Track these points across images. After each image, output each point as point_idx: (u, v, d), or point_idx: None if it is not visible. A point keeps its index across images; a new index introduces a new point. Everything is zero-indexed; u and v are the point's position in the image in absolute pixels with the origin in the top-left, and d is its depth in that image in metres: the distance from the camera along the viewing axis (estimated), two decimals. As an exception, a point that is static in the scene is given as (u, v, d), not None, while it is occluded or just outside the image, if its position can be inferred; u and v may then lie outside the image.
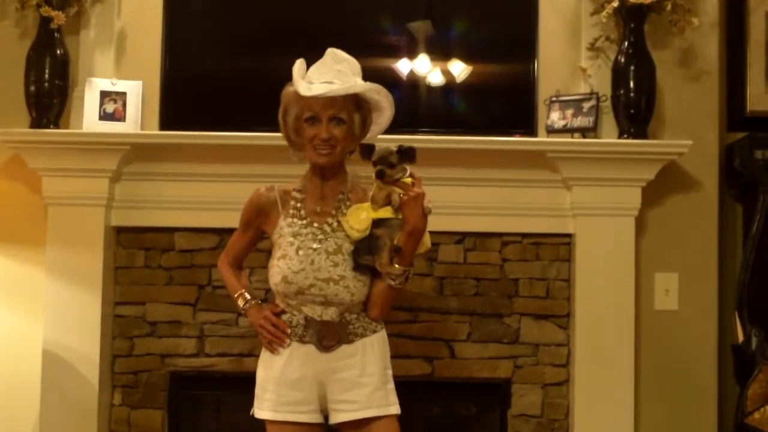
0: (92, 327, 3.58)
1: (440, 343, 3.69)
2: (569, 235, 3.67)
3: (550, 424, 3.67)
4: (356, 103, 2.81)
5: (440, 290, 3.69)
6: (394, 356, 2.93)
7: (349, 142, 2.82)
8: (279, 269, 2.77)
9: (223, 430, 3.82)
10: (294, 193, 2.86)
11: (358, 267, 2.77)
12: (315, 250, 2.76)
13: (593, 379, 3.58)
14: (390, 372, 2.84)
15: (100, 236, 3.60)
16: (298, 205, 2.84)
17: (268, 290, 3.32)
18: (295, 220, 2.82)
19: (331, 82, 2.75)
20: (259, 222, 2.91)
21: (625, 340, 3.59)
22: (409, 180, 2.77)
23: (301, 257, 2.75)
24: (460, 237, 3.69)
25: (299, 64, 2.81)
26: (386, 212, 2.76)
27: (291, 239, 2.79)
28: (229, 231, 3.08)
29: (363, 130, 2.86)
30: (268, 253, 2.90)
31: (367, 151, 2.79)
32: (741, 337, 3.55)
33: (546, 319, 3.69)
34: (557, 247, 3.69)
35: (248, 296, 2.92)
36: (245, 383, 2.96)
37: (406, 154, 2.77)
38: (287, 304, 2.81)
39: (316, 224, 2.80)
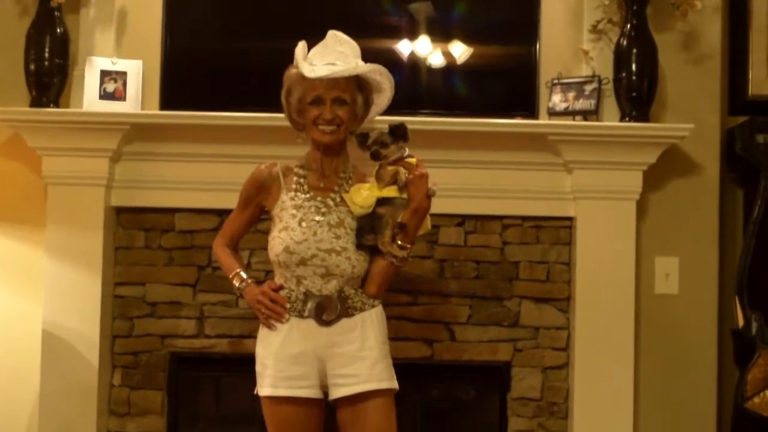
0: (92, 307, 3.58)
1: (440, 326, 3.69)
2: (570, 219, 3.67)
3: (550, 408, 3.67)
4: (358, 84, 2.86)
5: (440, 273, 3.69)
6: (394, 339, 2.95)
7: (352, 122, 2.88)
8: (281, 240, 2.79)
9: (223, 410, 3.83)
10: (296, 170, 2.91)
11: (360, 247, 2.81)
12: (318, 222, 2.80)
13: (593, 363, 3.58)
14: (388, 348, 2.87)
15: (100, 216, 3.60)
16: (301, 180, 2.89)
17: (268, 272, 3.35)
18: (298, 194, 2.86)
19: (333, 64, 2.81)
20: (260, 198, 2.93)
21: (625, 324, 3.59)
22: (413, 160, 2.82)
23: (304, 228, 2.79)
24: (461, 219, 3.69)
25: (301, 46, 2.85)
26: (391, 191, 2.82)
27: (293, 212, 2.82)
28: (230, 212, 3.08)
29: (365, 110, 2.91)
30: (268, 234, 2.91)
31: (362, 138, 2.85)
32: (741, 322, 3.56)
33: (546, 302, 3.69)
34: (558, 231, 3.68)
35: (244, 275, 2.94)
36: (245, 364, 2.96)
37: (397, 131, 2.82)
38: (286, 278, 2.83)
39: (319, 198, 2.85)
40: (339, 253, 2.78)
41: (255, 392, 2.86)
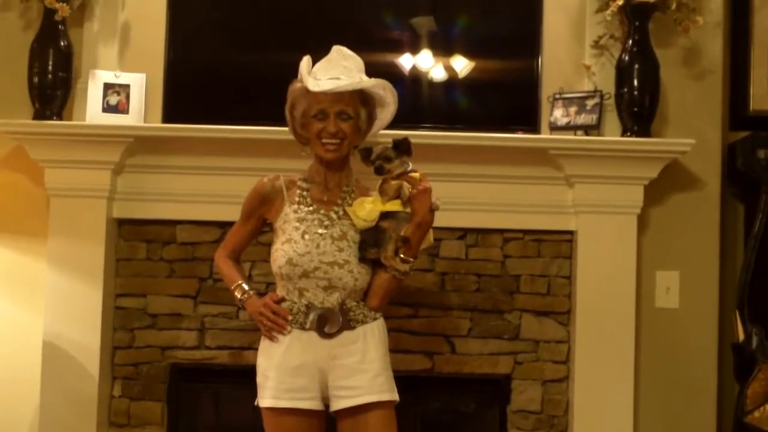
0: (93, 318, 3.58)
1: (441, 339, 3.69)
2: (571, 232, 3.67)
3: (550, 421, 3.67)
4: (362, 98, 2.89)
5: (441, 286, 3.69)
6: (395, 351, 2.95)
7: (355, 137, 2.90)
8: (284, 252, 2.81)
9: (223, 422, 3.82)
10: (299, 183, 2.93)
11: (363, 260, 2.82)
12: (321, 235, 2.82)
13: (593, 376, 3.58)
14: (389, 360, 2.89)
15: (101, 228, 3.60)
16: (304, 193, 2.91)
17: (269, 284, 3.35)
18: (301, 206, 2.87)
19: (337, 78, 2.84)
20: (262, 211, 2.95)
21: (626, 337, 3.59)
22: (417, 175, 2.85)
23: (307, 241, 2.80)
24: (462, 233, 3.69)
25: (306, 61, 2.88)
26: (394, 205, 2.84)
27: (297, 224, 2.84)
28: (231, 224, 3.10)
29: (369, 124, 2.93)
30: (270, 246, 2.92)
31: (366, 153, 2.88)
32: (741, 336, 3.55)
33: (547, 315, 3.69)
34: (559, 244, 3.69)
35: (246, 287, 2.95)
36: (245, 376, 2.98)
37: (401, 146, 2.85)
38: (288, 290, 2.84)
39: (322, 211, 2.87)
40: (341, 266, 2.80)
41: (255, 403, 2.87)
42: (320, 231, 2.83)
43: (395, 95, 2.93)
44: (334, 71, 2.84)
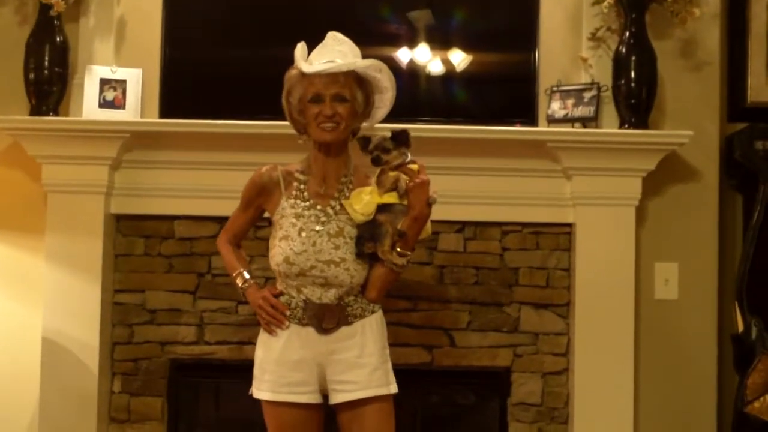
0: (92, 314, 3.58)
1: (440, 332, 3.69)
2: (569, 225, 3.67)
3: (550, 413, 3.68)
4: (358, 81, 2.86)
5: (440, 279, 3.69)
6: (394, 344, 2.95)
7: (352, 120, 2.87)
8: (281, 250, 2.80)
9: (223, 417, 3.83)
10: (297, 174, 2.91)
11: (360, 255, 2.80)
12: (317, 232, 2.80)
13: (593, 368, 3.59)
14: (387, 351, 2.89)
15: (99, 224, 3.60)
16: (302, 186, 2.88)
17: (268, 278, 3.35)
18: (298, 201, 2.86)
19: (332, 61, 2.81)
20: (260, 201, 2.95)
21: (625, 329, 3.59)
22: (415, 167, 2.82)
23: (304, 239, 2.79)
24: (460, 226, 3.69)
25: (301, 46, 2.87)
26: (391, 197, 2.82)
27: (293, 220, 2.82)
28: (228, 219, 3.08)
29: (366, 107, 2.91)
30: (268, 241, 2.92)
31: (364, 143, 2.85)
32: (741, 327, 3.56)
33: (546, 308, 3.69)
34: (557, 237, 3.69)
35: (247, 275, 2.95)
36: (245, 371, 2.97)
37: (399, 138, 2.82)
38: (287, 285, 2.84)
39: (319, 206, 2.85)
40: (338, 264, 2.79)
41: (249, 393, 2.88)
42: (317, 228, 2.81)
43: (392, 78, 2.90)
44: (329, 55, 2.83)
